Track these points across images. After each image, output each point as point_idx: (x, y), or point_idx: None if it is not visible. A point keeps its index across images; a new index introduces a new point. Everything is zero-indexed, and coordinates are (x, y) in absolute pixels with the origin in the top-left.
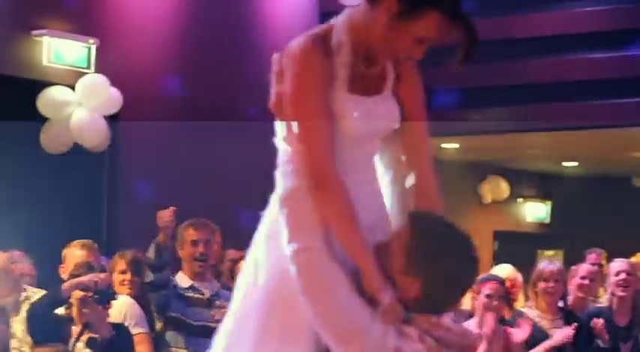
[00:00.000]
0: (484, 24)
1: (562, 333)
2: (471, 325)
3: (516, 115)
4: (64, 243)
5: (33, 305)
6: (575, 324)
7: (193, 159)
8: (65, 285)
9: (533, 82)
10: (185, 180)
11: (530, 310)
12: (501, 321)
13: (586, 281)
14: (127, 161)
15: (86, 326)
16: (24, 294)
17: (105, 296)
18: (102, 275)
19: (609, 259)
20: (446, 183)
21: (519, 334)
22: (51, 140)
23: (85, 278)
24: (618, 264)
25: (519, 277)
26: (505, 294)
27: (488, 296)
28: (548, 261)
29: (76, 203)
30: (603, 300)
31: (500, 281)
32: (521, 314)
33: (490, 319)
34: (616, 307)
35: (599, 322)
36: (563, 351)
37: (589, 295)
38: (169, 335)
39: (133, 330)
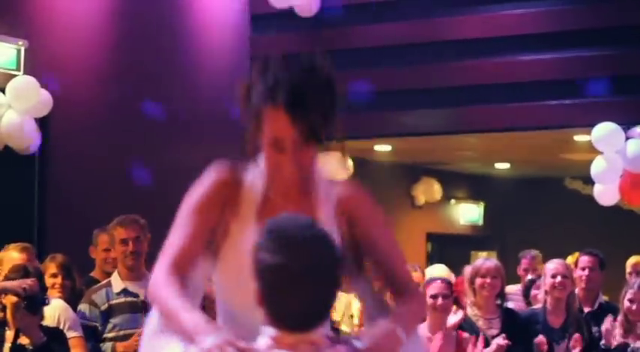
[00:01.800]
0: (420, 27)
1: (498, 341)
2: (421, 328)
3: (448, 117)
4: None
5: None
6: (504, 336)
7: (124, 161)
8: None
9: (466, 84)
10: (116, 182)
11: (467, 308)
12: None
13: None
14: (57, 163)
15: (19, 331)
16: None
17: (35, 301)
18: (29, 281)
19: (544, 261)
20: (378, 185)
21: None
22: None
23: (10, 284)
24: (554, 266)
25: (452, 277)
26: (450, 293)
27: (433, 296)
28: (485, 258)
29: (6, 205)
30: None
31: (445, 281)
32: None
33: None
34: (551, 308)
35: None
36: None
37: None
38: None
39: (68, 334)
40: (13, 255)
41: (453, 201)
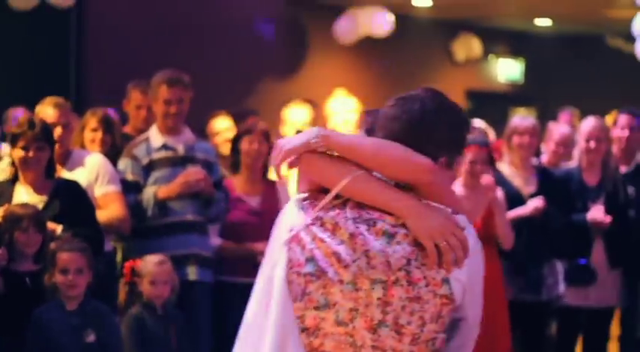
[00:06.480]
0: None
1: (534, 204)
2: (456, 187)
3: None
4: (33, 101)
5: None
6: (542, 200)
7: (163, 14)
8: None
9: None
10: (155, 36)
11: (503, 166)
12: None
13: (561, 149)
14: (95, 16)
15: None
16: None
17: None
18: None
19: (582, 118)
20: (417, 42)
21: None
22: None
23: None
24: (588, 129)
25: (492, 133)
26: (489, 157)
27: (472, 162)
28: (523, 116)
29: (43, 60)
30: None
31: (482, 144)
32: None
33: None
34: (586, 166)
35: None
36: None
37: (563, 159)
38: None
39: (106, 188)
40: (48, 111)
41: (492, 57)
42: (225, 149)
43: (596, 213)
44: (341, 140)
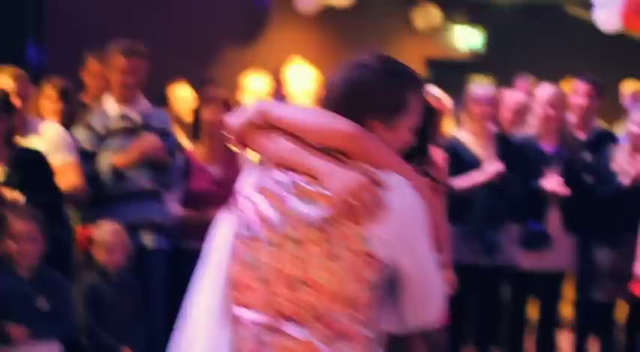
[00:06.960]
0: None
1: (494, 167)
2: None
3: None
4: None
5: None
6: (501, 164)
7: None
8: None
9: None
10: (113, 4)
11: (463, 134)
12: None
13: (515, 117)
14: None
15: None
16: None
17: None
18: None
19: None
20: (375, 10)
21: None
22: None
23: None
24: (546, 91)
25: (448, 100)
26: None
27: None
28: (482, 85)
29: (1, 29)
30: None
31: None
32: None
33: None
34: (543, 134)
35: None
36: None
37: (516, 126)
38: None
39: (63, 157)
40: (5, 81)
41: (452, 26)
42: (186, 117)
43: (551, 182)
44: (275, 114)
